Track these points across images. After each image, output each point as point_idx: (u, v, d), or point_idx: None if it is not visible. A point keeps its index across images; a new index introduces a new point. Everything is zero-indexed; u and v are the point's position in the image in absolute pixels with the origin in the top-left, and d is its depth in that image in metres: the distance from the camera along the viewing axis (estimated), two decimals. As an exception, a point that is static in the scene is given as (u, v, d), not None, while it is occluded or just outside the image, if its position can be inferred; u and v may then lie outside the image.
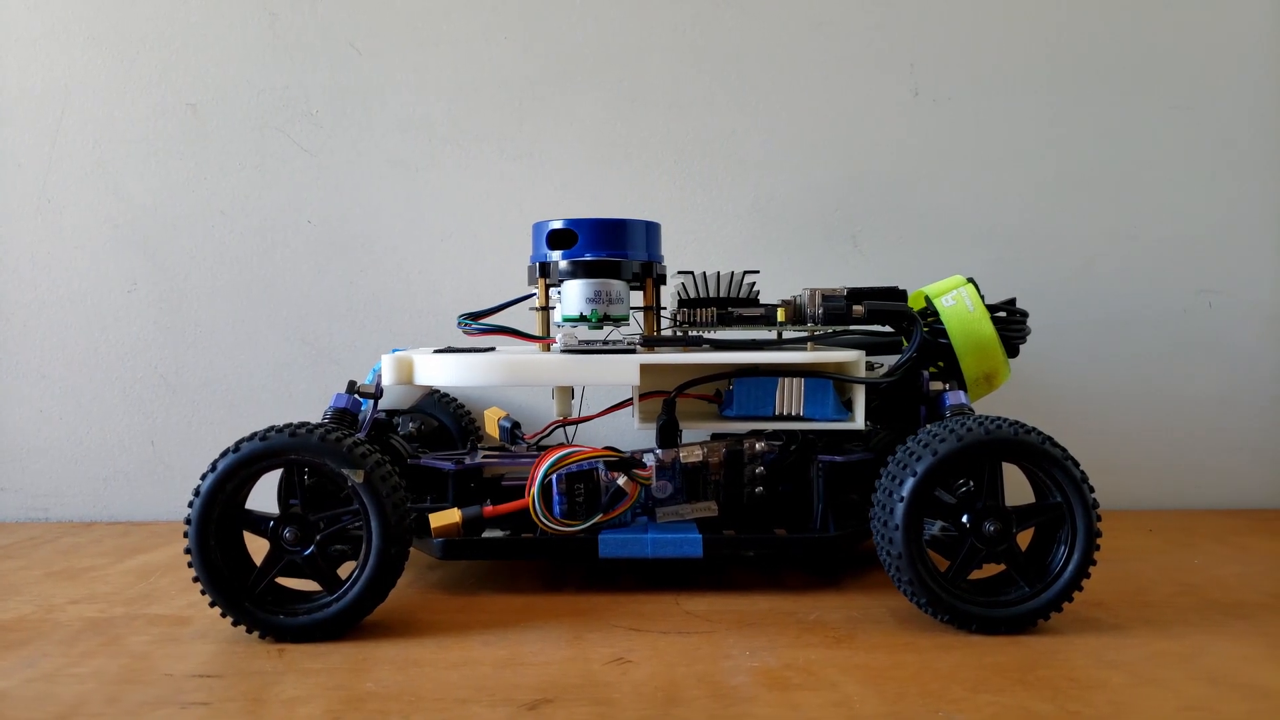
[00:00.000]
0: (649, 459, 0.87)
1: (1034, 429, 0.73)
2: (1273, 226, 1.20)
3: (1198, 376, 1.20)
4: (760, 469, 0.89)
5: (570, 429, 1.03)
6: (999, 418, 0.74)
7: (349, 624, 0.73)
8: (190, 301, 1.20)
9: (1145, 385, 1.20)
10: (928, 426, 0.75)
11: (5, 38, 1.18)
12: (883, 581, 0.86)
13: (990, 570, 0.76)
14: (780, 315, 0.88)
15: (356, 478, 0.71)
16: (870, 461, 0.86)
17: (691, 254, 1.19)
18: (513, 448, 0.95)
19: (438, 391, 1.13)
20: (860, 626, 0.75)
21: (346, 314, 1.20)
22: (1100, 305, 1.20)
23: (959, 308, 0.89)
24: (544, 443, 0.96)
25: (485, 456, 0.93)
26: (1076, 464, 0.73)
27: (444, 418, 1.11)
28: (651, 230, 0.90)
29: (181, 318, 1.20)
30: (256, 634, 0.72)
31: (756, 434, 0.92)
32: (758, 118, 1.19)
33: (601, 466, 0.84)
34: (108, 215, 1.19)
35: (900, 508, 0.72)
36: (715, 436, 0.95)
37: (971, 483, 0.76)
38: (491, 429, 0.96)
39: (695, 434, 0.94)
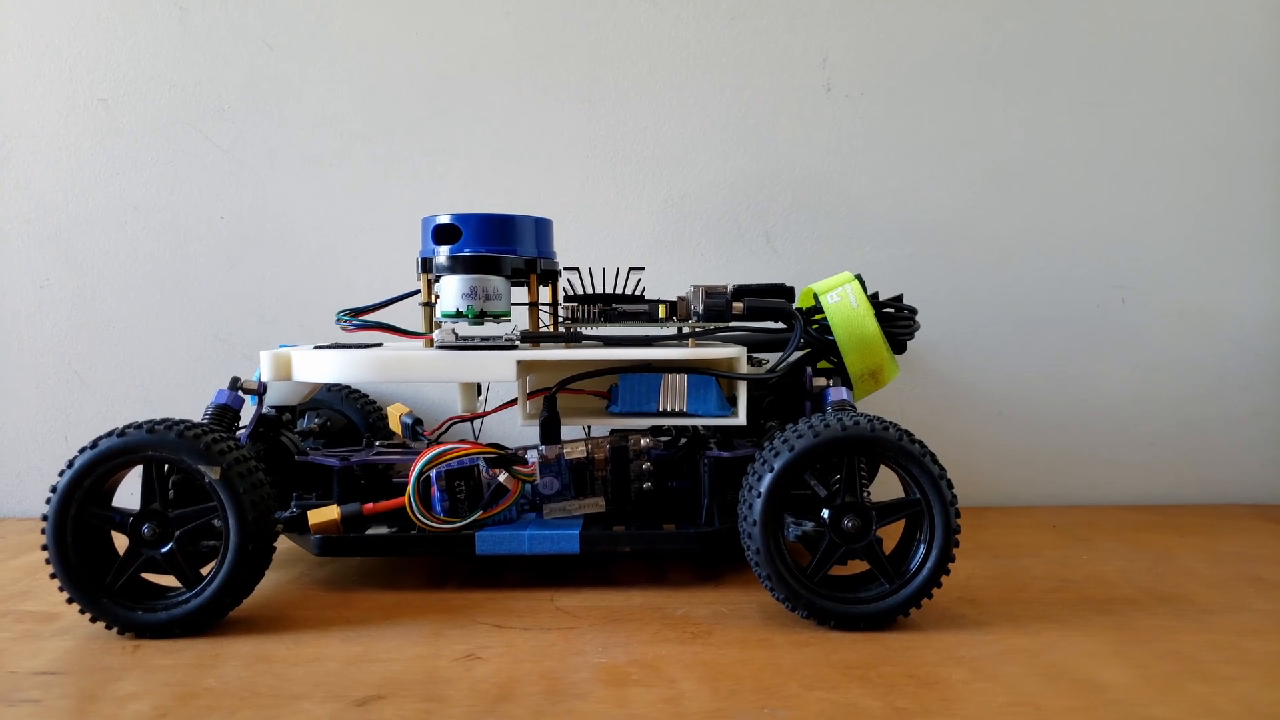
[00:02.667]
0: (532, 455, 0.87)
1: (893, 425, 0.73)
2: (1186, 223, 1.20)
3: (1111, 372, 1.20)
4: (648, 465, 0.89)
5: (476, 425, 1.03)
6: (861, 414, 0.74)
7: (209, 620, 0.73)
8: (103, 297, 1.20)
9: (1058, 381, 1.20)
10: (793, 423, 0.75)
11: (-86, 32, 1.18)
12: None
13: (858, 567, 0.76)
14: (661, 311, 0.88)
15: (213, 474, 0.71)
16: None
17: (603, 250, 1.18)
18: (414, 444, 0.95)
19: (346, 388, 1.13)
20: (723, 622, 0.75)
21: (259, 310, 1.20)
22: (1015, 301, 1.20)
23: (843, 304, 0.89)
24: (443, 439, 0.96)
25: (379, 453, 0.93)
26: (936, 460, 0.73)
27: (351, 414, 1.11)
28: (542, 226, 0.90)
29: (94, 313, 1.20)
30: (116, 630, 0.72)
31: (656, 430, 0.92)
32: (671, 113, 1.19)
33: (482, 463, 0.84)
34: (18, 211, 1.19)
35: (759, 503, 0.72)
36: (614, 432, 0.95)
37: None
38: (395, 425, 0.96)
39: (598, 430, 0.94)
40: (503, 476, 0.84)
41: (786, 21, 1.18)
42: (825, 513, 0.73)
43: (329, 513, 0.83)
